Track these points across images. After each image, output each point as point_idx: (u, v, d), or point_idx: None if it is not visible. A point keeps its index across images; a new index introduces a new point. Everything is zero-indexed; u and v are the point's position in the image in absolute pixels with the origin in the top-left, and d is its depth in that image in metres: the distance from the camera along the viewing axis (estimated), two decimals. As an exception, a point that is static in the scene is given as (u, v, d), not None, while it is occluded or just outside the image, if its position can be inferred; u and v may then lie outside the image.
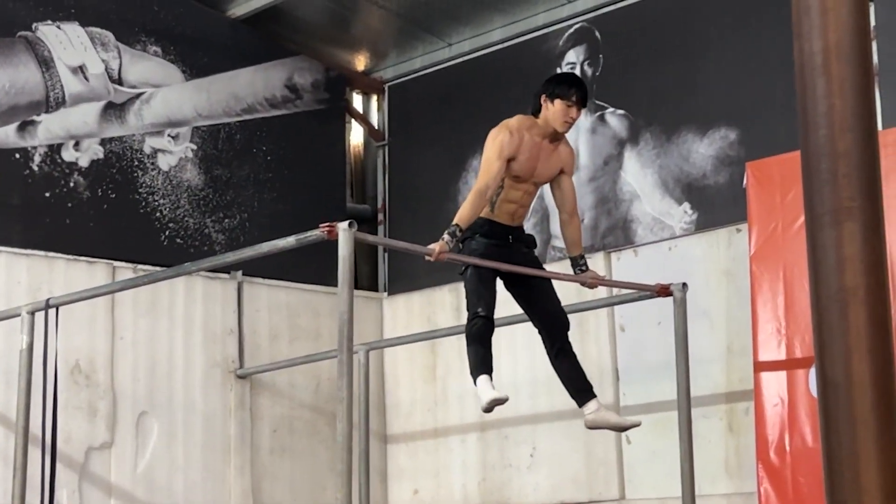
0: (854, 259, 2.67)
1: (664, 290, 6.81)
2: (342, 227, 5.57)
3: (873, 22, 7.06)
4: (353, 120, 10.18)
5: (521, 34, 9.29)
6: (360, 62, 10.13)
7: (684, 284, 6.85)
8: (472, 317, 6.13)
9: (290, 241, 5.99)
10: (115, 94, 8.61)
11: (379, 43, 9.97)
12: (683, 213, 8.19)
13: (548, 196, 8.41)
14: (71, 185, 8.33)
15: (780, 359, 7.08)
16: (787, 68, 3.39)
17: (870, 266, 2.67)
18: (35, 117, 8.21)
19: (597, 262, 8.21)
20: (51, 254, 8.11)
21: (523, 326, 6.65)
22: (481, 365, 6.06)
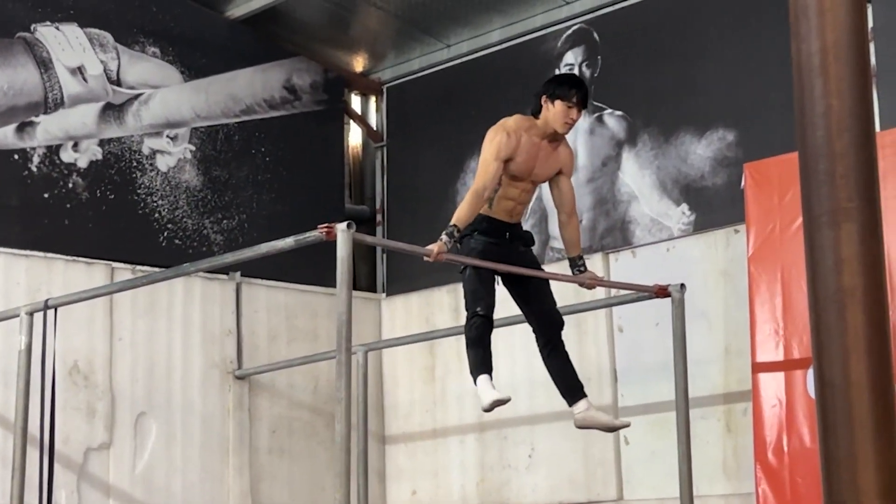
0: (852, 260, 2.67)
1: (662, 291, 6.82)
2: (341, 228, 5.58)
3: (871, 23, 7.07)
4: (351, 121, 10.18)
5: (520, 35, 9.29)
6: (359, 63, 10.13)
7: (682, 285, 6.86)
8: (471, 316, 6.14)
9: (288, 241, 6.00)
10: (113, 95, 8.62)
11: (377, 44, 9.97)
12: (681, 214, 8.19)
13: (546, 197, 8.42)
14: (70, 185, 8.33)
15: (777, 360, 7.08)
16: (785, 69, 3.39)
17: (867, 267, 2.67)
18: (34, 118, 8.21)
19: (595, 262, 8.21)
20: (49, 255, 8.11)
21: (522, 327, 6.65)
22: (481, 365, 6.07)
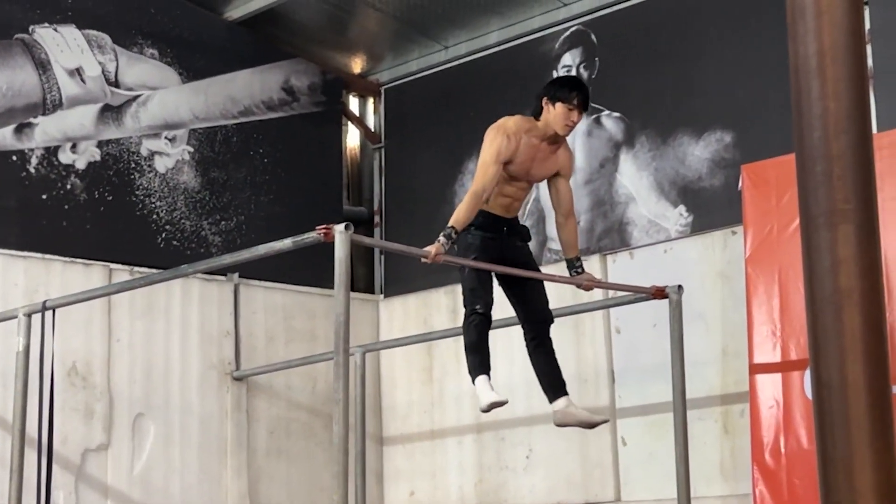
0: (849, 261, 2.67)
1: (660, 293, 6.82)
2: (338, 229, 5.59)
3: (868, 25, 7.08)
4: (349, 122, 10.18)
5: (518, 37, 9.29)
6: (357, 65, 10.13)
7: (680, 287, 6.87)
8: (469, 313, 6.15)
9: (286, 243, 6.00)
10: (111, 96, 8.62)
11: (375, 46, 9.97)
12: (679, 216, 8.20)
13: (544, 198, 8.43)
14: (68, 187, 8.33)
15: (775, 361, 7.08)
16: (783, 71, 3.40)
17: (864, 268, 2.68)
18: (32, 119, 8.22)
19: (592, 264, 8.21)
20: (47, 256, 8.11)
21: (520, 329, 6.65)
22: (480, 365, 6.08)
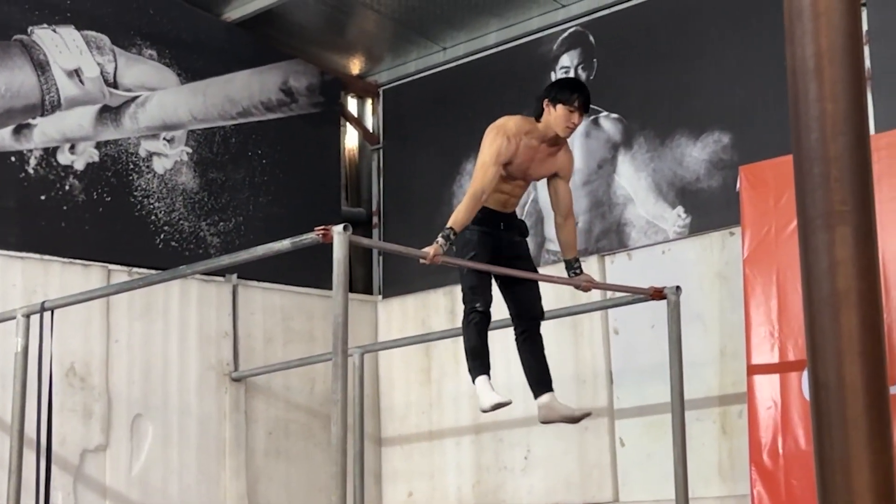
0: (846, 262, 2.68)
1: (658, 294, 6.83)
2: (337, 230, 5.59)
3: (865, 26, 7.09)
4: (347, 123, 10.18)
5: (516, 38, 9.29)
6: (355, 66, 10.13)
7: (678, 288, 6.87)
8: (469, 311, 6.16)
9: (284, 244, 6.00)
10: (110, 97, 8.62)
11: (374, 47, 9.97)
12: (677, 217, 8.20)
13: (542, 199, 8.44)
14: (66, 188, 8.33)
15: (773, 362, 7.09)
16: (780, 72, 3.40)
17: (862, 269, 2.68)
18: (31, 120, 8.22)
19: (591, 265, 8.21)
20: (46, 257, 8.11)
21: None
22: (480, 365, 6.10)
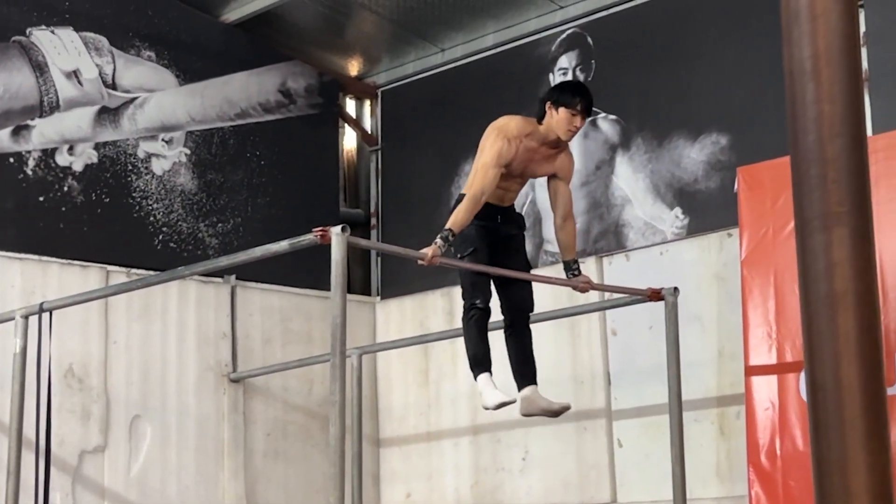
0: (843, 264, 2.68)
1: (656, 295, 6.83)
2: (335, 231, 5.60)
3: (863, 28, 7.10)
4: (346, 125, 10.19)
5: (514, 40, 9.30)
6: (354, 67, 10.14)
7: (676, 289, 6.88)
8: (468, 307, 6.17)
9: (283, 245, 6.01)
10: (108, 98, 8.62)
11: (372, 48, 9.98)
12: (675, 218, 8.21)
13: (541, 200, 8.45)
14: (65, 189, 8.33)
15: (770, 363, 7.10)
16: (778, 74, 3.41)
17: (859, 271, 2.68)
18: (29, 122, 8.22)
19: (589, 266, 8.22)
20: (45, 258, 8.12)
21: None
22: (481, 363, 6.12)
